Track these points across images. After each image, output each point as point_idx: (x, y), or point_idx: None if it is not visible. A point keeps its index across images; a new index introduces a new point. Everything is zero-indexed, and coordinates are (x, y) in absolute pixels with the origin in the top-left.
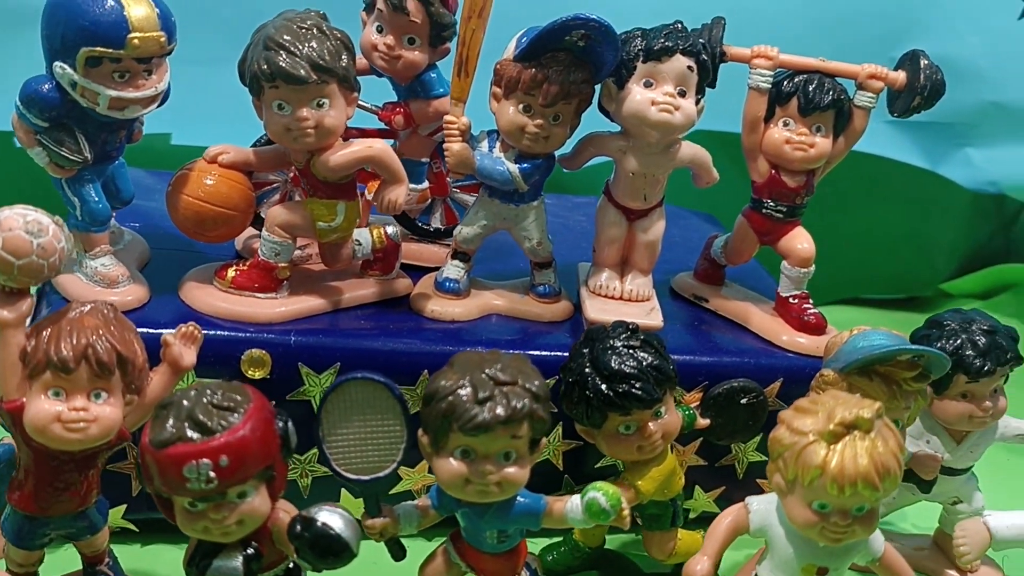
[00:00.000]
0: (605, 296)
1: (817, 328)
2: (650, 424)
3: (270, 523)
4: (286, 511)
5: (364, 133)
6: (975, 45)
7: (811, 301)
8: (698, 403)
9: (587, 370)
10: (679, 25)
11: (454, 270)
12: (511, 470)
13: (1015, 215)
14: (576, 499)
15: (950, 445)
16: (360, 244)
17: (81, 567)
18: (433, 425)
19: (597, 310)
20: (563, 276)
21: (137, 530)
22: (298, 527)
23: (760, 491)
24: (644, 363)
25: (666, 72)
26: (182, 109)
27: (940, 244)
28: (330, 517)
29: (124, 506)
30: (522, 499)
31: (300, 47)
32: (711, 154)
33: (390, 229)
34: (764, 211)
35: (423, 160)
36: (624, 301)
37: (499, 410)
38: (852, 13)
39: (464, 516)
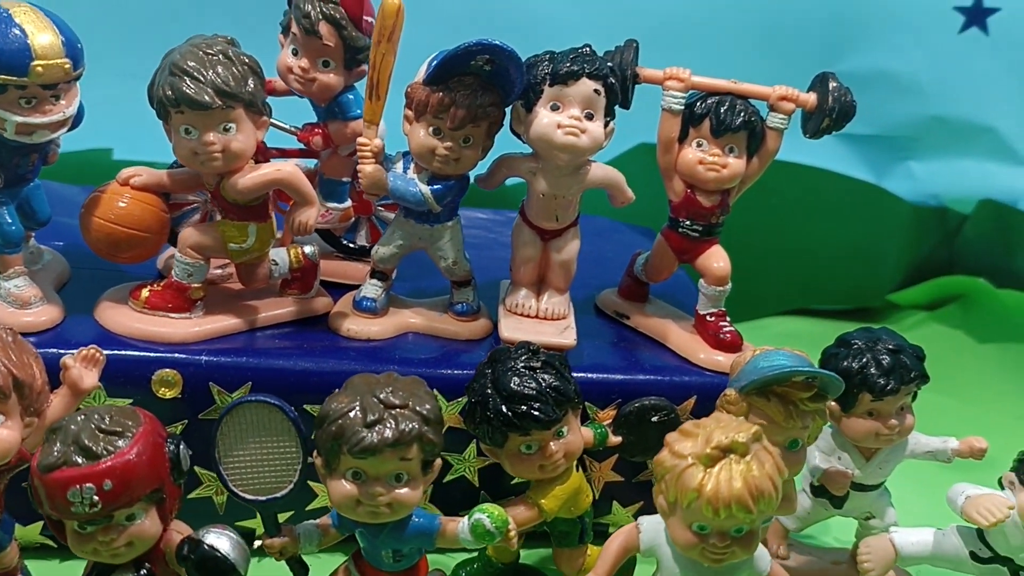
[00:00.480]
0: (521, 315)
1: (733, 346)
2: (551, 444)
3: (163, 544)
4: (180, 532)
5: (285, 153)
6: (917, 60)
7: (728, 319)
8: (611, 421)
9: (488, 391)
10: (587, 49)
11: (372, 289)
12: (402, 491)
13: (957, 227)
14: (466, 520)
15: (860, 462)
16: (277, 264)
17: None
18: (324, 447)
19: (511, 329)
20: (490, 292)
21: (55, 546)
22: (185, 549)
23: None
24: (544, 384)
25: (572, 95)
26: (124, 124)
27: (886, 256)
28: (217, 539)
29: (41, 523)
30: (417, 519)
31: (205, 73)
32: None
33: (308, 249)
34: (680, 230)
35: (345, 179)
36: (540, 320)
37: (387, 433)
38: (796, 28)
39: (361, 535)
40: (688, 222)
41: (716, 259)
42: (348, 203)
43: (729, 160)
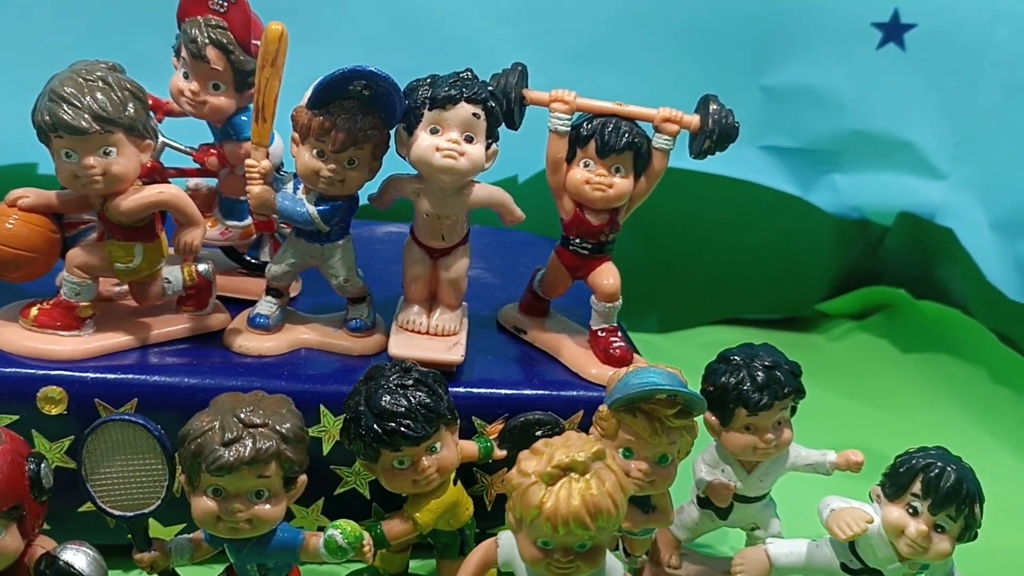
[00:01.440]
0: (412, 331)
1: (622, 361)
2: (424, 459)
3: (27, 559)
4: (44, 548)
5: (182, 172)
6: (838, 75)
7: (619, 335)
8: (496, 435)
9: (361, 408)
10: (468, 73)
11: (266, 306)
12: (263, 508)
13: (880, 239)
14: (323, 536)
15: (741, 474)
16: (170, 282)
17: None
18: (186, 465)
19: (400, 345)
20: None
21: None
22: (42, 565)
23: None
24: (414, 402)
25: (451, 119)
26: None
27: (813, 267)
28: (74, 556)
29: None
30: (281, 534)
31: (83, 99)
32: None
33: (202, 267)
34: (571, 248)
35: (243, 198)
36: (430, 336)
37: (244, 452)
38: (723, 44)
39: (228, 550)
40: (578, 240)
41: (606, 276)
42: (248, 220)
43: (615, 180)
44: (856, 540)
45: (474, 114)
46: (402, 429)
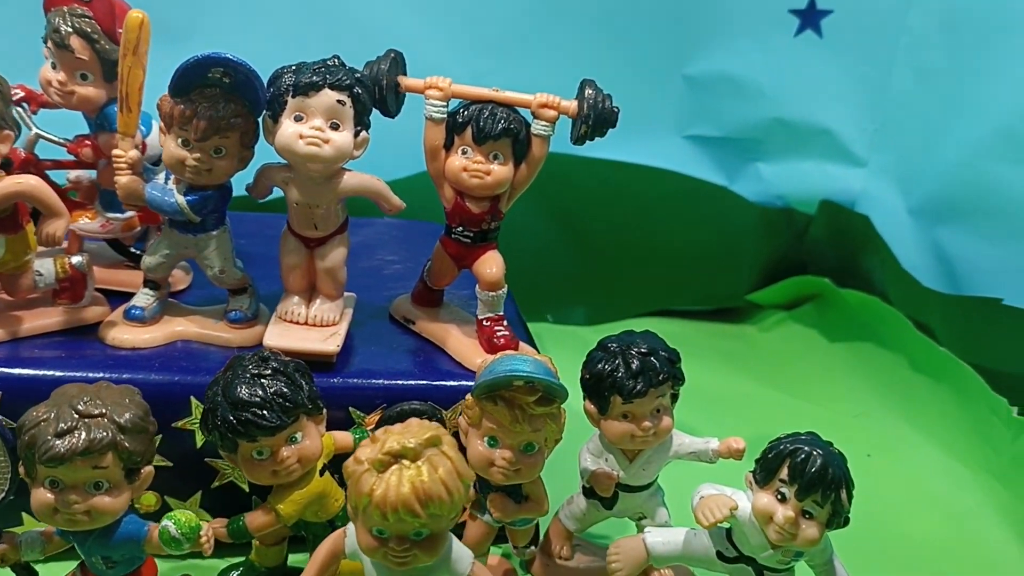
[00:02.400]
0: (291, 322)
1: (505, 350)
2: (283, 450)
3: None
4: None
5: (59, 164)
6: (757, 63)
7: (505, 323)
8: (373, 426)
9: (218, 398)
10: (335, 60)
11: (142, 298)
12: (101, 500)
13: (805, 228)
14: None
15: (623, 463)
16: (41, 275)
17: None
18: (23, 456)
19: (275, 336)
20: None
21: None
22: None
23: None
24: (271, 391)
25: (314, 106)
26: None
27: (740, 257)
28: None
29: None
30: (126, 526)
31: None
32: None
33: (75, 259)
34: (454, 236)
35: None
36: (308, 326)
37: (77, 442)
38: (640, 33)
39: (74, 542)
40: (460, 228)
41: (489, 265)
42: (130, 213)
43: (493, 167)
44: (732, 528)
45: (339, 101)
46: (256, 419)
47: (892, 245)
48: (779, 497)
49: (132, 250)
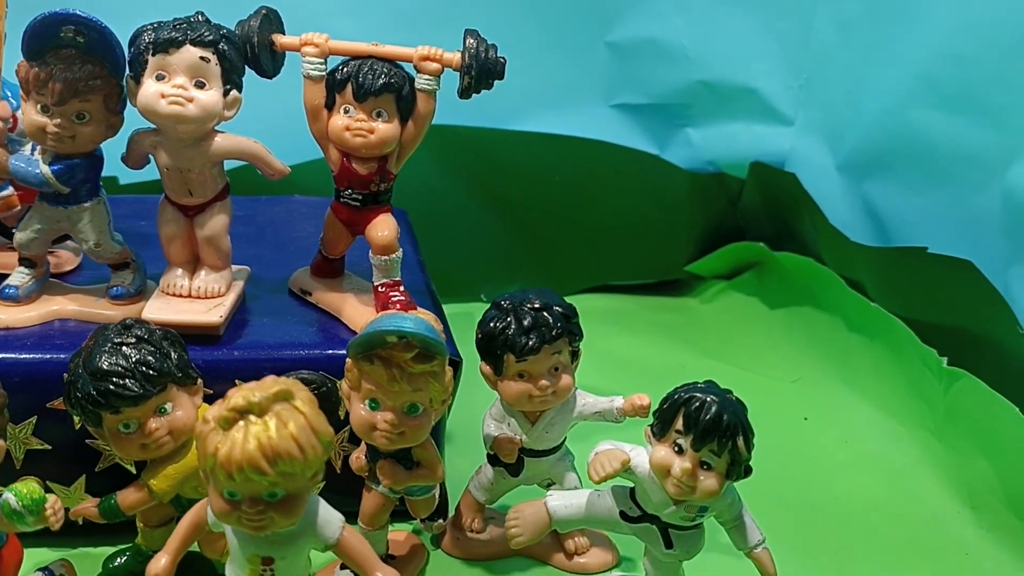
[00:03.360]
0: (174, 295)
1: None
2: (151, 422)
3: None
4: None
5: None
6: (679, 25)
7: (401, 288)
8: None
9: (79, 370)
10: (198, 17)
11: (17, 277)
12: None
13: (738, 193)
14: None
15: (525, 426)
16: None
17: None
18: None
19: (155, 310)
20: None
21: None
22: None
23: None
24: (133, 359)
25: (176, 64)
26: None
27: (676, 226)
28: None
29: None
30: None
31: None
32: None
33: None
34: (342, 200)
35: None
36: (192, 299)
37: None
38: (559, 2)
39: None
40: (349, 191)
41: (380, 228)
42: (8, 191)
43: (377, 125)
44: (635, 486)
45: (202, 58)
46: (117, 389)
47: (820, 202)
48: (676, 449)
49: (13, 231)
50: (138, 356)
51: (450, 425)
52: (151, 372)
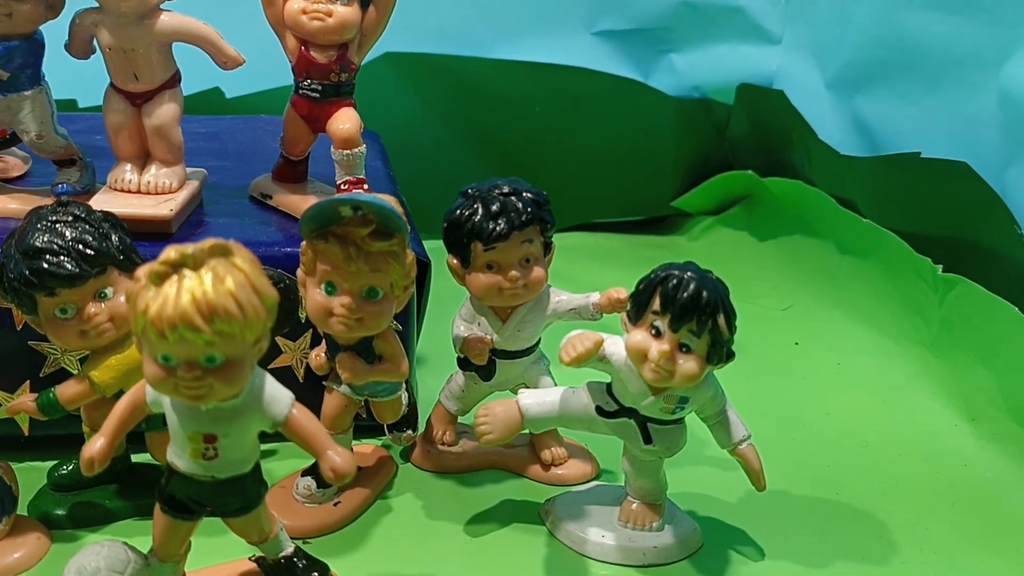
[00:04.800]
0: (122, 190)
1: None
2: (90, 306)
3: None
4: None
5: None
6: None
7: (366, 186)
8: None
9: (12, 252)
10: None
11: None
12: None
13: (726, 121)
14: None
15: (496, 325)
16: None
17: None
18: None
19: (101, 203)
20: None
21: None
22: None
23: None
24: (69, 237)
25: None
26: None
27: (661, 157)
28: None
29: None
30: None
31: None
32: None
33: None
34: (302, 92)
35: None
36: (141, 194)
37: None
38: None
39: None
40: (308, 82)
41: (342, 120)
42: None
43: (336, 8)
44: (612, 379)
45: None
46: (52, 268)
47: (809, 119)
48: (653, 332)
49: None
50: (74, 234)
51: (421, 347)
52: (88, 251)
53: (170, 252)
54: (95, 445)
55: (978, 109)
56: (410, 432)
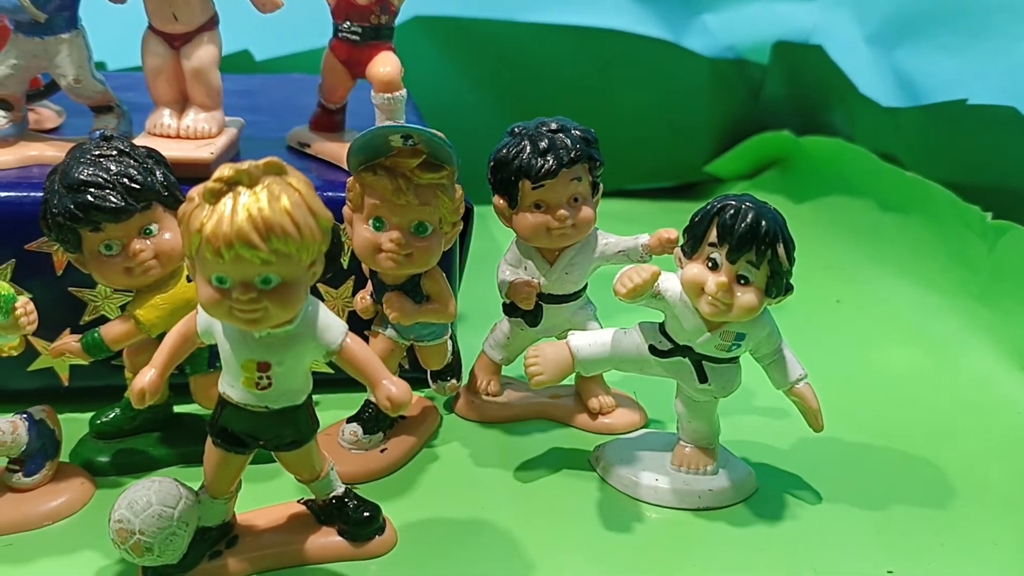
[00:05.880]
0: (162, 136)
1: None
2: (135, 243)
3: None
4: None
5: None
6: None
7: None
8: None
9: (56, 187)
10: None
11: None
12: None
13: (760, 82)
14: None
15: (544, 267)
16: None
17: None
18: None
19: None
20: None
21: None
22: None
23: None
24: (114, 171)
25: None
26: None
27: (695, 121)
28: None
29: None
30: None
31: None
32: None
33: None
34: (341, 35)
35: None
36: (180, 139)
37: None
38: None
39: None
40: (347, 24)
41: (382, 63)
42: None
43: None
44: (665, 318)
45: None
46: (97, 201)
47: (849, 74)
48: (710, 265)
49: None
50: (120, 168)
51: (462, 306)
52: (134, 186)
53: (225, 169)
54: (146, 377)
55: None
56: (454, 381)
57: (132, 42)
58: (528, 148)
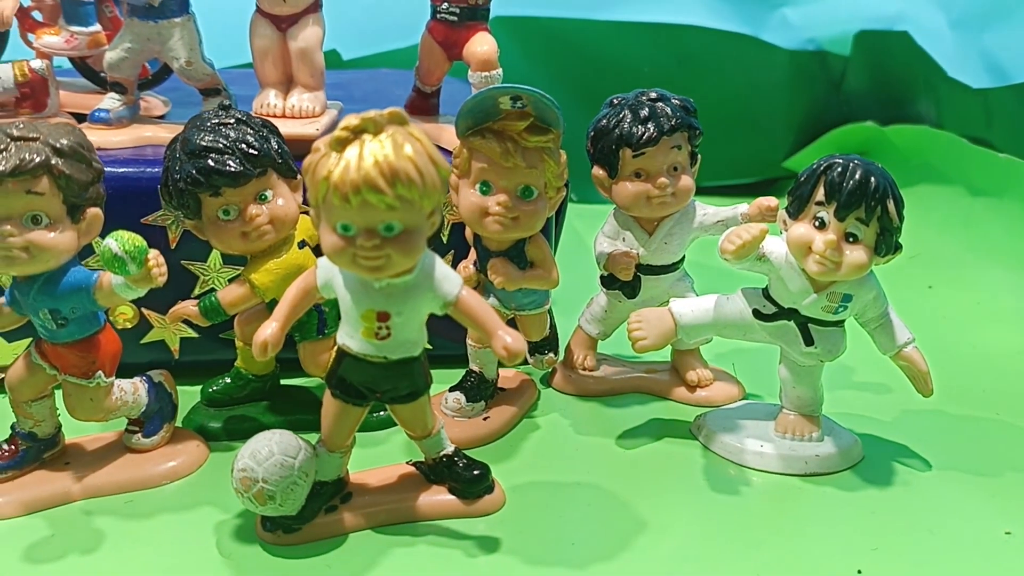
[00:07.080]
0: (267, 115)
1: None
2: (252, 207)
3: None
4: None
5: None
6: None
7: None
8: None
9: (177, 155)
10: None
11: (108, 101)
12: (42, 235)
13: (841, 75)
14: None
15: (643, 238)
16: (1, 78)
17: None
18: None
19: None
20: None
21: None
22: None
23: None
24: (232, 138)
25: None
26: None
27: (775, 115)
28: None
29: None
30: (75, 275)
31: None
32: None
33: (35, 63)
34: (439, 17)
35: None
36: (287, 119)
37: (7, 162)
38: None
39: (17, 295)
40: (446, 5)
41: (480, 43)
42: (96, 27)
43: None
44: (770, 281)
45: None
46: (218, 165)
47: (937, 58)
48: (816, 224)
49: (101, 75)
50: (237, 135)
51: (555, 292)
52: (251, 151)
53: (351, 119)
54: (267, 330)
55: None
56: (552, 355)
57: (229, 41)
58: (629, 117)
